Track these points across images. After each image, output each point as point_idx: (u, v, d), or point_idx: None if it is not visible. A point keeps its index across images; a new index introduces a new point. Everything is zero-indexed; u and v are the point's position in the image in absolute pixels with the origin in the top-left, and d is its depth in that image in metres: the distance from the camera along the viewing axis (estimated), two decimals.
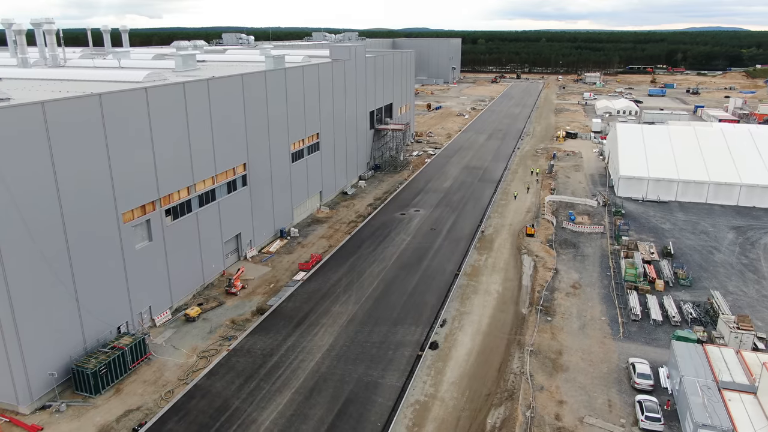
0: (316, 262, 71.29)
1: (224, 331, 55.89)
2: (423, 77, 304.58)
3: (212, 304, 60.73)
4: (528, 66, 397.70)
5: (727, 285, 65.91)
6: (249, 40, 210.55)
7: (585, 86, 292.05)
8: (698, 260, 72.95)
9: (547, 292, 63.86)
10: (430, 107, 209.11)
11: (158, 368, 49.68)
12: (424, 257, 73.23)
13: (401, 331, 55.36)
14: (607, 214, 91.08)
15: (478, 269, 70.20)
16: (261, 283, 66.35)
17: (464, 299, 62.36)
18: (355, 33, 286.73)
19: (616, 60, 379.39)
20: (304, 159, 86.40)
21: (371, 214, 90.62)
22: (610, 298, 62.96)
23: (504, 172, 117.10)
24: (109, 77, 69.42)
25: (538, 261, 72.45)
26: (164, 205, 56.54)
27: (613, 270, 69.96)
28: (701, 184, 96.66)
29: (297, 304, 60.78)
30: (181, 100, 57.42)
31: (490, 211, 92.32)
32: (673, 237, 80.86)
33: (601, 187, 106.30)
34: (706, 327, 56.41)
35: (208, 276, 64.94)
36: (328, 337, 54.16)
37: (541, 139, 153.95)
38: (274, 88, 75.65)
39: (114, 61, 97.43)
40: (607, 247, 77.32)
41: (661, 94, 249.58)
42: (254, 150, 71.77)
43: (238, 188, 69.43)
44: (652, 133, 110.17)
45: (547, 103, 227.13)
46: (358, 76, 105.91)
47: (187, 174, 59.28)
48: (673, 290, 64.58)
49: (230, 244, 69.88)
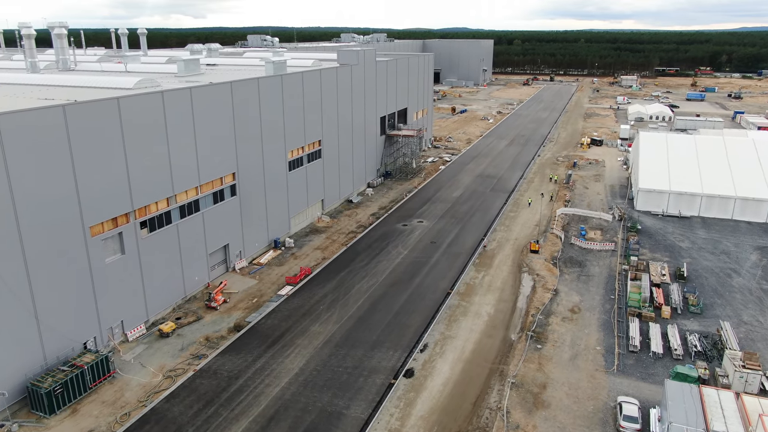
0: (305, 276, 69.01)
1: (196, 348, 54.08)
2: (453, 79, 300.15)
3: (190, 319, 59.07)
4: (563, 68, 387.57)
5: (741, 314, 60.66)
6: (273, 42, 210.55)
7: (620, 89, 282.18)
8: (714, 284, 67.65)
9: (541, 316, 59.94)
10: (454, 110, 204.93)
11: (120, 387, 48.14)
12: (418, 273, 70.09)
13: (378, 356, 52.46)
14: (622, 229, 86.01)
15: (473, 288, 66.65)
16: (244, 297, 64.43)
17: (451, 322, 59.00)
18: (383, 34, 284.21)
19: (656, 62, 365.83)
20: (303, 167, 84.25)
21: (373, 225, 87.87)
22: (609, 325, 58.62)
23: (519, 182, 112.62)
24: (101, 83, 68.79)
25: (539, 280, 68.42)
26: (139, 217, 55.07)
27: (618, 293, 65.42)
28: (727, 199, 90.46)
29: (276, 322, 58.55)
30: (159, 110, 55.86)
31: (496, 224, 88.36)
32: (690, 257, 75.48)
33: (620, 199, 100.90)
34: (711, 362, 51.68)
35: (190, 288, 63.36)
36: (300, 360, 51.70)
37: (564, 146, 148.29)
38: (269, 96, 73.70)
39: (121, 66, 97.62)
40: (615, 267, 72.63)
41: (699, 99, 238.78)
42: (245, 159, 69.93)
43: (225, 198, 67.68)
44: (676, 142, 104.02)
45: (577, 107, 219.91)
46: (367, 81, 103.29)
47: (165, 185, 57.71)
48: (681, 318, 59.75)
49: (217, 255, 68.21)
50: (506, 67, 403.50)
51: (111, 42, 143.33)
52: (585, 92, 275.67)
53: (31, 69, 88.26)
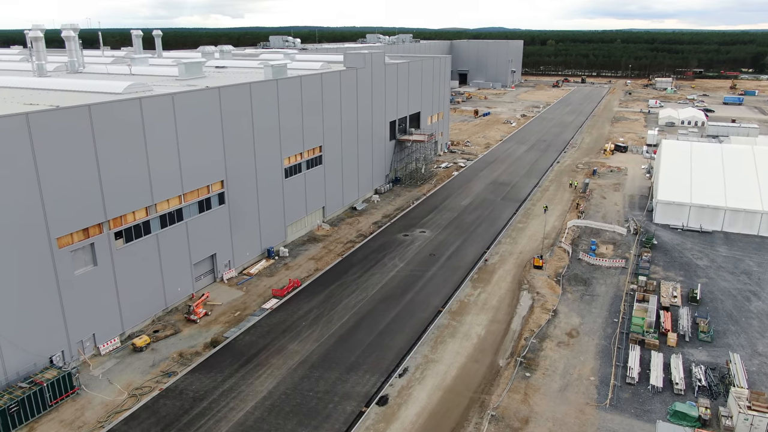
0: (293, 288, 66.61)
1: (168, 365, 52.14)
2: (480, 80, 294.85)
3: (167, 333, 57.29)
4: (596, 69, 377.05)
5: (757, 344, 55.63)
6: (295, 43, 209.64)
7: (654, 92, 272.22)
8: (729, 308, 62.56)
9: (535, 340, 56.08)
10: (477, 113, 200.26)
11: (82, 406, 46.47)
12: (411, 288, 66.90)
13: (353, 380, 49.59)
14: (636, 244, 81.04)
15: (466, 306, 63.13)
16: (227, 309, 62.38)
17: (437, 343, 55.67)
18: (409, 35, 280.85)
19: (694, 63, 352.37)
20: (301, 174, 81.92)
21: (373, 234, 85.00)
22: (608, 352, 54.41)
23: (533, 190, 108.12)
24: (92, 88, 67.74)
25: (538, 299, 64.45)
26: (114, 228, 53.46)
27: (622, 316, 61.00)
28: (753, 214, 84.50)
29: (254, 338, 56.25)
30: (136, 117, 54.15)
31: (502, 236, 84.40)
32: (706, 277, 70.32)
33: (638, 211, 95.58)
34: (715, 399, 47.15)
35: (172, 300, 61.61)
36: (271, 382, 49.21)
37: (586, 152, 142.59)
38: (263, 101, 71.57)
39: (126, 68, 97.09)
40: (624, 286, 68.07)
41: (737, 103, 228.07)
42: (235, 167, 67.92)
43: (213, 207, 65.77)
44: (701, 152, 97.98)
45: (605, 111, 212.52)
46: (376, 85, 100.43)
47: (144, 194, 55.99)
48: (688, 346, 55.11)
49: (203, 265, 66.36)
50: (537, 68, 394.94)
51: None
52: (616, 95, 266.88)
53: (38, 72, 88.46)
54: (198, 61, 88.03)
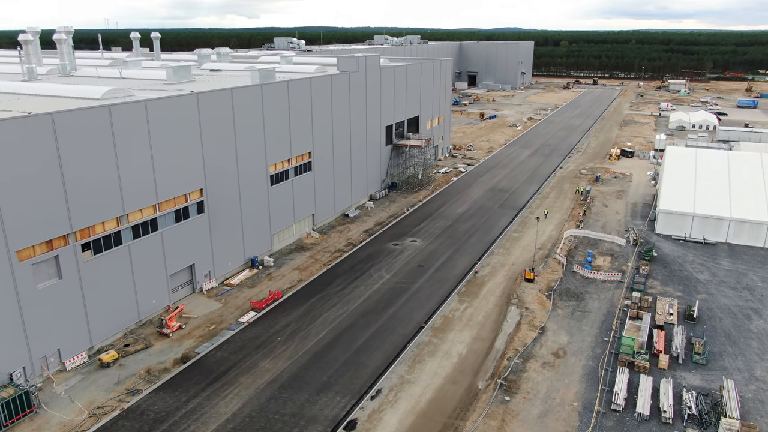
0: (273, 301, 64.57)
1: (134, 382, 50.30)
2: (489, 82, 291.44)
3: (137, 347, 55.49)
4: (609, 70, 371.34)
5: (754, 367, 52.49)
6: (300, 44, 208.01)
7: (666, 94, 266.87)
8: (728, 327, 59.39)
9: (519, 360, 53.44)
10: (483, 116, 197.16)
11: (39, 426, 44.76)
12: (394, 302, 64.53)
13: (322, 402, 47.36)
14: (635, 256, 77.91)
15: (450, 322, 60.62)
16: (203, 322, 60.47)
17: (416, 363, 53.25)
18: (417, 36, 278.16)
19: (709, 65, 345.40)
20: (289, 181, 79.89)
21: (363, 242, 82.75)
22: (595, 374, 51.62)
23: (532, 197, 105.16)
24: (71, 93, 66.49)
25: (526, 316, 61.76)
26: (81, 239, 51.76)
27: (613, 334, 58.12)
28: (759, 225, 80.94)
29: (225, 354, 54.26)
30: (105, 125, 52.39)
31: (496, 246, 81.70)
32: (706, 292, 67.14)
33: (640, 220, 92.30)
34: (705, 429, 44.22)
35: (146, 312, 59.83)
36: (236, 403, 47.14)
37: (591, 156, 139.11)
38: (247, 107, 69.64)
39: (126, 71, 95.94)
40: (618, 302, 65.13)
41: (752, 106, 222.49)
42: (215, 174, 66.05)
43: (191, 216, 63.93)
44: (706, 159, 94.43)
45: (615, 114, 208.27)
46: (370, 89, 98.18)
47: (114, 204, 54.23)
48: (681, 369, 52.15)
49: (181, 275, 64.54)
50: (549, 69, 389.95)
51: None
52: (628, 97, 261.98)
53: (29, 75, 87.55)
54: (187, 64, 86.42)
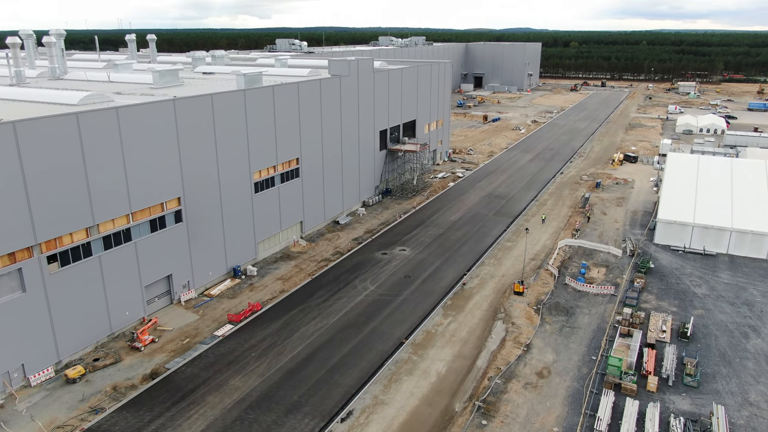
0: (251, 313, 62.71)
1: (98, 399, 48.62)
2: (495, 84, 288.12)
3: (107, 362, 53.82)
4: (618, 72, 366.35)
5: (749, 391, 49.80)
6: (302, 46, 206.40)
7: (676, 97, 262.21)
8: (723, 346, 56.68)
9: (500, 381, 51.12)
10: (486, 119, 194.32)
11: None
12: (376, 316, 62.41)
13: (290, 424, 45.36)
14: (631, 267, 75.22)
15: (432, 338, 58.40)
16: (177, 335, 58.72)
17: (392, 382, 51.11)
18: (422, 37, 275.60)
19: (720, 66, 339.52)
20: (275, 188, 78.01)
21: (351, 251, 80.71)
22: (580, 396, 49.22)
23: (529, 204, 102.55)
24: (49, 98, 65.15)
25: (512, 331, 59.39)
26: (46, 251, 50.17)
27: (602, 353, 55.62)
28: (761, 236, 77.91)
29: (196, 371, 52.43)
30: (73, 133, 50.79)
31: (487, 256, 79.30)
32: (703, 308, 64.39)
33: (639, 229, 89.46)
34: None
35: (119, 324, 58.17)
36: (200, 424, 45.26)
37: (594, 161, 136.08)
38: (228, 113, 67.85)
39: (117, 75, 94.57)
40: (609, 317, 62.58)
41: (763, 109, 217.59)
42: (194, 183, 64.31)
43: (168, 226, 62.22)
44: (709, 166, 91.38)
45: (621, 117, 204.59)
46: (363, 93, 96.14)
47: (83, 215, 52.61)
48: (671, 392, 49.58)
49: (158, 286, 62.86)
50: (558, 71, 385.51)
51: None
52: (636, 99, 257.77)
53: (17, 78, 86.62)
54: (174, 68, 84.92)
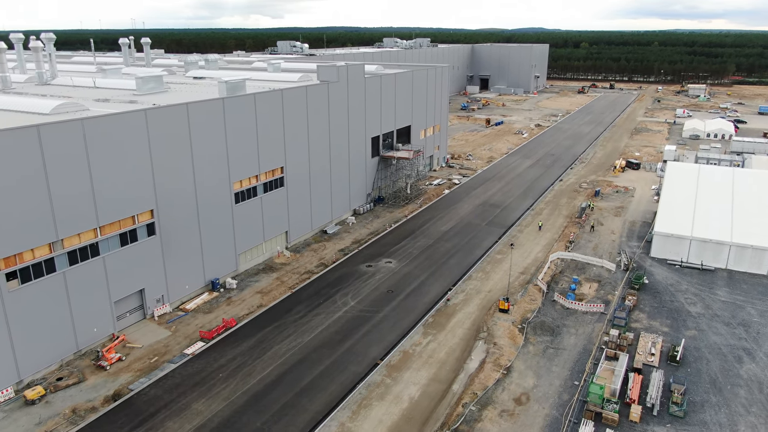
0: (224, 330, 60.78)
1: (55, 423, 46.87)
2: (501, 86, 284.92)
3: (70, 381, 52.06)
4: (628, 74, 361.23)
5: (738, 423, 46.99)
6: (303, 48, 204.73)
7: (685, 100, 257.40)
8: (715, 372, 53.84)
9: (475, 407, 48.73)
10: (489, 122, 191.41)
11: None
12: (353, 334, 60.21)
13: None
14: (624, 283, 72.43)
15: (409, 359, 56.10)
16: (146, 353, 56.89)
17: (361, 408, 48.88)
18: (426, 39, 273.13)
19: (732, 68, 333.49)
20: (257, 198, 76.08)
21: (336, 263, 78.58)
22: (558, 426, 46.69)
23: (524, 214, 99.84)
24: (22, 107, 63.89)
25: (493, 353, 56.93)
26: (5, 268, 48.52)
27: (585, 377, 53.03)
28: (762, 251, 74.77)
29: (159, 392, 50.55)
30: (34, 147, 49.08)
31: (475, 269, 76.83)
32: (696, 328, 61.53)
33: (636, 241, 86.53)
34: None
35: (86, 341, 56.46)
36: None
37: (595, 168, 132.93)
38: (206, 122, 66.00)
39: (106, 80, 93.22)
40: (597, 337, 59.94)
41: None
42: (168, 194, 62.49)
43: (140, 239, 60.45)
44: (710, 176, 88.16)
45: (628, 121, 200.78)
46: (353, 99, 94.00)
47: (46, 230, 50.92)
48: (655, 422, 46.92)
49: (129, 301, 61.11)
50: (566, 72, 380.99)
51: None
52: (644, 102, 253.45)
53: (1, 84, 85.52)
54: (158, 74, 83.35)
